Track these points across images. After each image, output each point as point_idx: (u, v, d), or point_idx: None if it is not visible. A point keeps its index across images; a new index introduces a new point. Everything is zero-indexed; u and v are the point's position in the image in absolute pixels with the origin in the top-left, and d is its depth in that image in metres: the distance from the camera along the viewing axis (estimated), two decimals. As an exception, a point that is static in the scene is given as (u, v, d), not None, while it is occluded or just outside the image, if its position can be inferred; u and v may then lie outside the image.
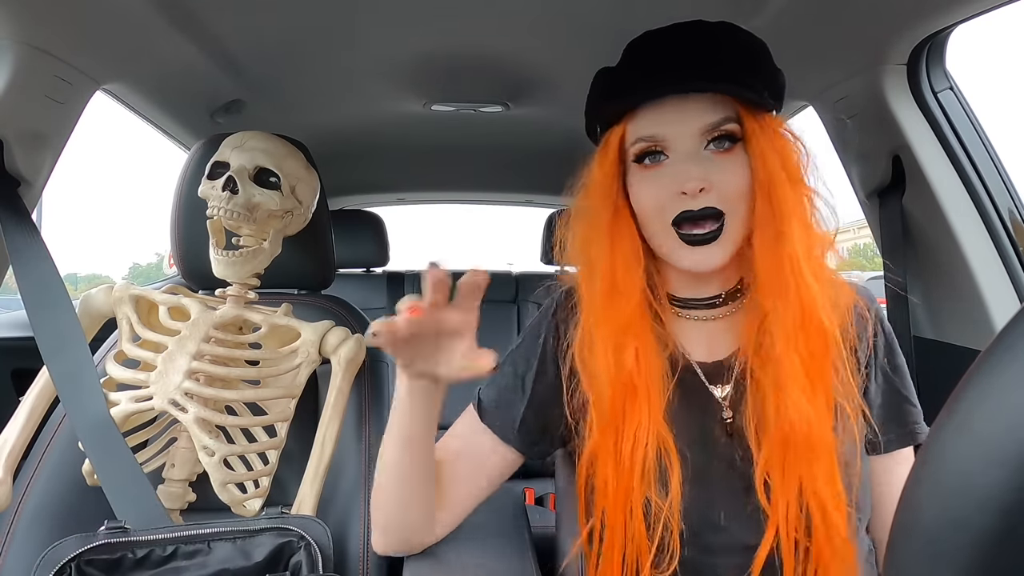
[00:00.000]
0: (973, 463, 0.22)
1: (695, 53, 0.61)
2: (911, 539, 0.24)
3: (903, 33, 0.92)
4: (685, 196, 0.60)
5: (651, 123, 0.61)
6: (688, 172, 0.59)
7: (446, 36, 1.13)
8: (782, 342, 0.60)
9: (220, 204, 0.87)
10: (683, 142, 0.61)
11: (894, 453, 0.67)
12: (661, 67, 0.61)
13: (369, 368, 1.01)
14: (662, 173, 0.61)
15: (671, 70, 0.60)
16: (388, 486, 0.66)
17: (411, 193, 2.54)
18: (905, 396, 0.67)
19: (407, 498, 0.67)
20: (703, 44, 0.61)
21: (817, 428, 0.58)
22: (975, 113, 1.02)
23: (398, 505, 0.67)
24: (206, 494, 0.86)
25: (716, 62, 0.60)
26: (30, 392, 0.89)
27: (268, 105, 1.40)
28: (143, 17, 0.94)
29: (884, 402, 0.66)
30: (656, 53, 0.62)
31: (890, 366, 0.66)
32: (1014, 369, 0.22)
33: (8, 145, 0.90)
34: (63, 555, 0.72)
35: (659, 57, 0.62)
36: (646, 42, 0.64)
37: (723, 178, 0.60)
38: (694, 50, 0.61)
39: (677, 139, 0.61)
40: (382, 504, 0.68)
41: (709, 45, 0.61)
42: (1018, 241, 0.99)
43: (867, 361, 0.66)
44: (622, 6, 0.96)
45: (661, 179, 0.61)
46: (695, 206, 0.60)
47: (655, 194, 0.62)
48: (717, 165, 0.60)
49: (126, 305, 0.94)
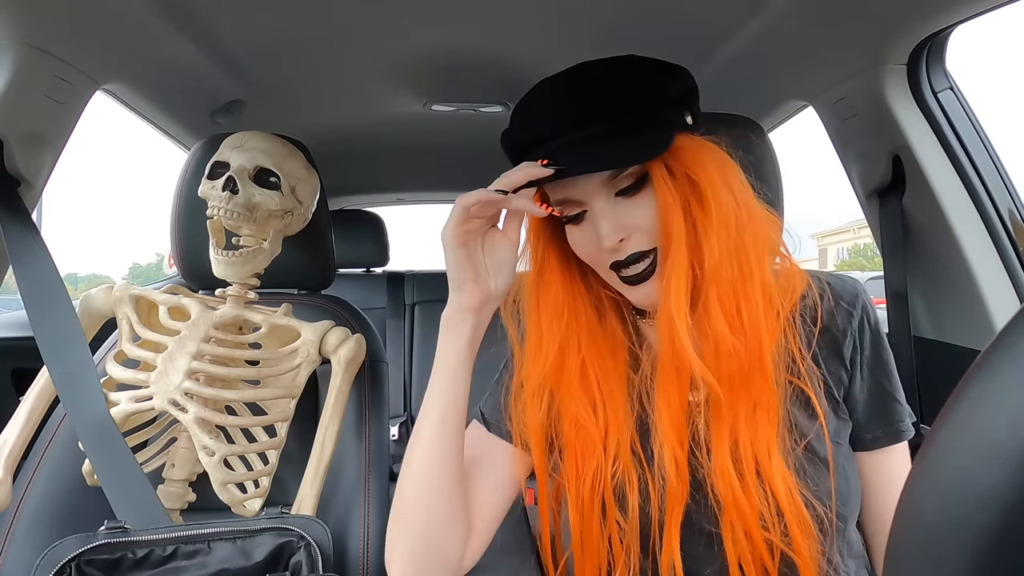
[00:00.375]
0: (973, 462, 0.22)
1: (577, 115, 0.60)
2: (911, 538, 0.24)
3: (903, 33, 0.92)
4: (609, 250, 0.61)
5: (559, 187, 0.63)
6: (601, 230, 0.61)
7: (446, 36, 1.13)
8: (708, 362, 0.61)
9: (220, 204, 0.87)
10: (593, 199, 0.62)
11: (882, 450, 0.67)
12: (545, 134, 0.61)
13: (369, 368, 1.01)
14: (586, 227, 0.63)
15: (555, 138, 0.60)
16: (417, 490, 0.62)
17: (411, 193, 2.54)
18: (891, 393, 0.67)
19: (440, 501, 0.62)
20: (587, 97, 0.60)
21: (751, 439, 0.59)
22: (975, 113, 1.02)
23: (427, 514, 0.62)
24: (206, 494, 0.86)
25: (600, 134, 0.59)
26: (30, 392, 0.89)
27: (268, 105, 1.40)
28: (143, 17, 0.94)
29: (870, 399, 0.66)
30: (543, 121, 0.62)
31: (876, 362, 0.66)
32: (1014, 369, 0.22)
33: (8, 145, 0.90)
34: (63, 555, 0.72)
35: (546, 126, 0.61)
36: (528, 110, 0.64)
37: (638, 222, 0.61)
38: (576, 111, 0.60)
39: (587, 196, 0.62)
40: (408, 517, 0.62)
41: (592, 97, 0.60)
42: (1018, 241, 0.99)
43: (851, 356, 0.66)
44: (622, 6, 0.96)
45: (586, 234, 0.63)
46: (621, 255, 0.62)
47: (586, 245, 0.64)
48: (631, 209, 0.61)
49: (126, 305, 0.94)
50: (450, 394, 0.63)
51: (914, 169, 1.02)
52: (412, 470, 0.63)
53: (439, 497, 0.62)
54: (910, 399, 0.76)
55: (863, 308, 0.67)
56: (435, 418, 0.62)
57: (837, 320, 0.65)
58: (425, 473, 0.62)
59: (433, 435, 0.62)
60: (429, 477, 0.62)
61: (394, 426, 1.94)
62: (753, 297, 0.60)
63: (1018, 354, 0.22)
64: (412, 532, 0.62)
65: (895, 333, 1.07)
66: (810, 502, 0.59)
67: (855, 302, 0.67)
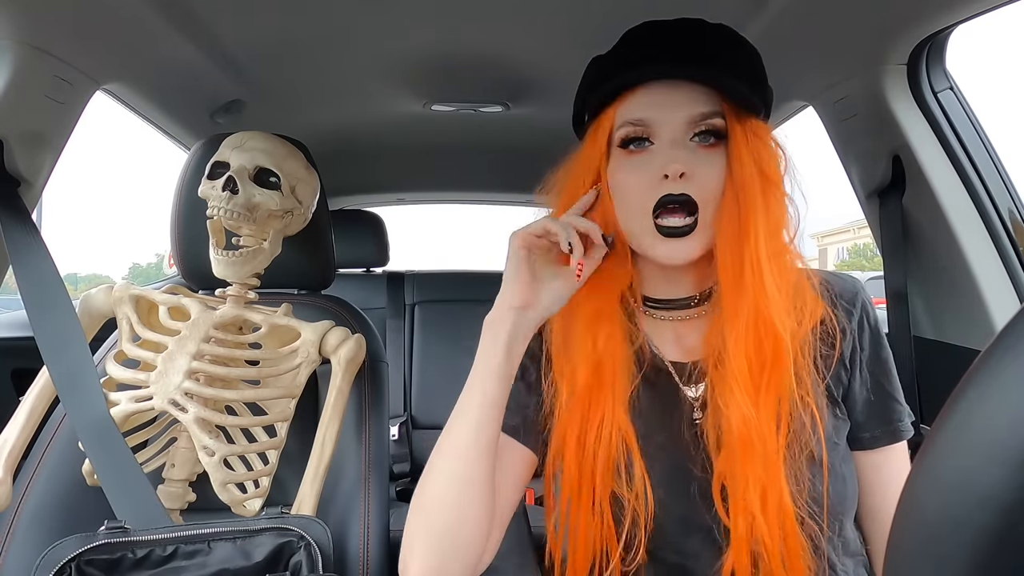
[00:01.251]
0: (973, 462, 0.22)
1: (689, 44, 0.61)
2: (911, 537, 0.24)
3: (903, 33, 0.92)
4: (666, 181, 0.60)
5: (639, 107, 0.62)
6: (673, 155, 0.60)
7: (446, 36, 1.13)
8: (732, 343, 0.60)
9: (220, 204, 0.87)
10: (669, 129, 0.61)
11: (881, 449, 0.66)
12: (654, 52, 0.62)
13: (369, 368, 1.01)
14: (646, 159, 0.62)
15: (664, 54, 0.61)
16: (448, 488, 0.60)
17: (411, 193, 2.54)
18: (890, 393, 0.67)
19: (472, 500, 0.60)
20: (698, 37, 0.62)
21: (759, 433, 0.58)
22: (975, 113, 1.02)
23: (458, 512, 0.60)
24: (206, 494, 0.86)
25: (709, 56, 0.61)
26: (30, 392, 0.89)
27: (268, 105, 1.40)
28: (143, 17, 0.94)
29: (869, 398, 0.66)
30: (651, 40, 0.63)
31: (875, 362, 0.67)
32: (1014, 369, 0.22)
33: (8, 145, 0.90)
34: (63, 555, 0.72)
35: (653, 44, 0.63)
36: (642, 30, 0.64)
37: (703, 171, 0.60)
38: (689, 41, 0.62)
39: (664, 125, 0.61)
40: (437, 514, 0.60)
41: (704, 39, 0.62)
42: (1018, 241, 0.99)
43: (851, 355, 0.66)
44: (622, 6, 0.96)
45: (644, 164, 0.62)
46: (675, 190, 0.60)
47: (637, 179, 0.62)
48: (699, 157, 0.61)
49: (126, 305, 0.94)
50: (490, 392, 0.61)
51: (914, 169, 1.02)
52: (445, 467, 0.61)
53: (471, 496, 0.60)
54: (910, 399, 0.76)
55: (862, 307, 0.67)
56: (473, 417, 0.61)
57: (836, 319, 0.65)
58: (459, 471, 0.60)
59: (470, 434, 0.61)
60: (463, 475, 0.60)
61: (394, 426, 1.94)
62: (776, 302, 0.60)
63: (1018, 354, 0.22)
64: (439, 529, 0.60)
65: (895, 333, 1.07)
66: (805, 504, 0.59)
67: (855, 301, 0.67)
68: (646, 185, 0.61)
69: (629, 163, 0.63)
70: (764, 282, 0.59)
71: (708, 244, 0.62)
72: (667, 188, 0.60)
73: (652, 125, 0.61)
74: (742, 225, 0.60)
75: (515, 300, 0.61)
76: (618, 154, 0.64)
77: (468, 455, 0.60)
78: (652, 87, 0.61)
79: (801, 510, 0.59)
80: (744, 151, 0.60)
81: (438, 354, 2.05)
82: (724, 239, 0.61)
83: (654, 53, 0.62)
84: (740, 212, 0.60)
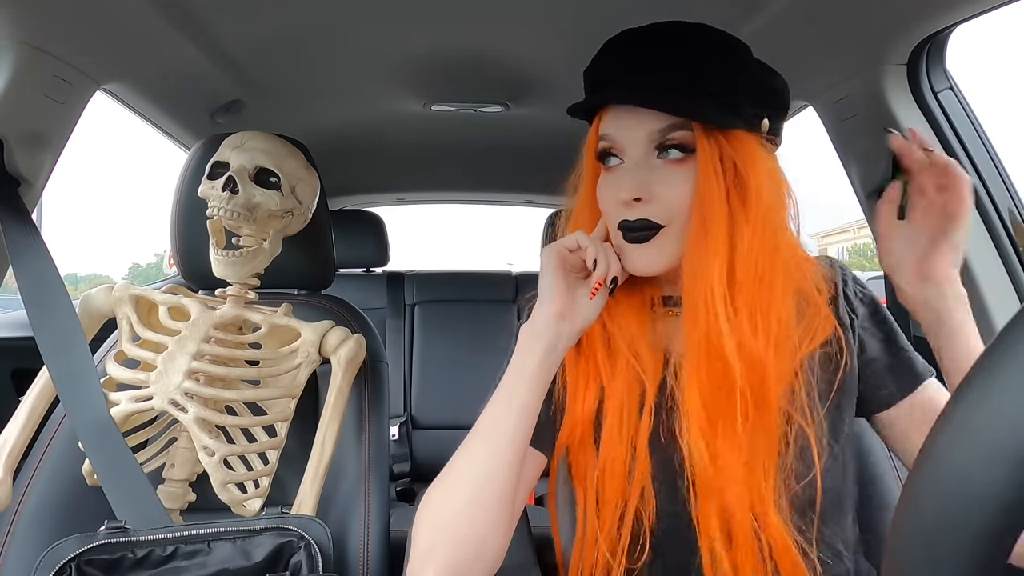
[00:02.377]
0: (973, 462, 0.22)
1: (660, 59, 0.60)
2: (911, 537, 0.24)
3: (903, 33, 0.92)
4: (624, 206, 0.61)
5: (607, 124, 0.63)
6: (623, 182, 0.60)
7: (446, 36, 1.13)
8: (685, 375, 0.61)
9: (220, 204, 0.87)
10: (633, 148, 0.61)
11: (900, 403, 0.67)
12: (620, 71, 0.61)
13: (369, 368, 1.01)
14: (616, 177, 0.62)
15: (625, 76, 0.61)
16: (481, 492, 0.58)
17: (411, 193, 2.54)
18: (900, 345, 0.68)
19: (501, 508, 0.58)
20: (673, 49, 0.60)
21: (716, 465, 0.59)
22: (975, 113, 1.02)
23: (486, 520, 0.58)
24: (206, 494, 0.86)
25: (681, 67, 0.59)
26: (30, 392, 0.89)
27: (268, 105, 1.40)
28: (143, 17, 0.94)
29: (877, 356, 0.68)
30: (621, 54, 0.62)
31: (873, 322, 0.68)
32: (1014, 369, 0.22)
33: (8, 145, 0.90)
34: (63, 555, 0.72)
35: (622, 60, 0.62)
36: (622, 37, 0.63)
37: (664, 190, 0.60)
38: (660, 56, 0.60)
39: (628, 144, 0.61)
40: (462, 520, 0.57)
41: (681, 49, 0.60)
42: (1018, 241, 0.99)
43: (858, 346, 0.67)
44: (621, 6, 0.96)
45: (614, 183, 0.62)
46: (631, 216, 0.60)
47: (608, 196, 0.63)
48: (663, 175, 0.60)
49: (126, 305, 0.94)
50: (526, 400, 0.60)
51: (914, 169, 1.02)
52: (476, 474, 0.59)
53: (502, 504, 0.58)
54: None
55: (841, 279, 0.69)
56: (508, 425, 0.59)
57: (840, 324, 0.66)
58: (492, 477, 0.58)
59: (503, 443, 0.59)
60: (495, 481, 0.58)
61: (394, 426, 1.94)
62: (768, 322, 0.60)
63: (1018, 354, 0.22)
64: (465, 536, 0.58)
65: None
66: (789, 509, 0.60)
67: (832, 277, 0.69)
68: (614, 203, 0.62)
69: (606, 179, 0.64)
70: (716, 311, 0.58)
71: (674, 260, 0.62)
72: (624, 213, 0.61)
73: (619, 143, 0.62)
74: (709, 245, 0.58)
75: (555, 308, 0.61)
76: (599, 167, 0.65)
77: (501, 463, 0.58)
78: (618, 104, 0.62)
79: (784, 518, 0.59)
80: (711, 166, 0.58)
81: (438, 354, 2.05)
82: (688, 260, 0.60)
83: (618, 73, 0.61)
84: (707, 231, 0.59)
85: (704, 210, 0.58)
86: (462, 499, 0.58)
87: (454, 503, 0.58)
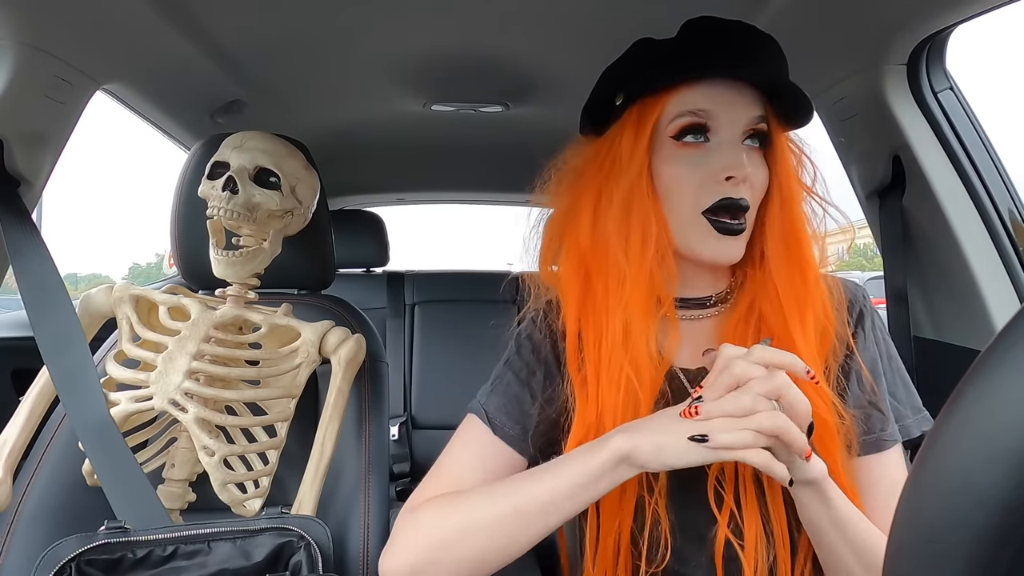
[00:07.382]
0: (973, 461, 0.22)
1: (752, 47, 0.62)
2: (911, 537, 0.24)
3: (903, 33, 0.92)
4: (727, 183, 0.59)
5: (703, 98, 0.60)
6: (738, 158, 0.59)
7: (446, 36, 1.13)
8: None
9: (220, 204, 0.87)
10: (730, 128, 0.60)
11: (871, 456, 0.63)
12: (724, 48, 0.61)
13: (369, 368, 1.01)
14: (702, 155, 0.60)
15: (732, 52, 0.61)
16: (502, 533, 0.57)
17: (411, 193, 2.54)
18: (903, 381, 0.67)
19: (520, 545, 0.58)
20: (757, 43, 0.62)
21: None
22: (975, 113, 1.02)
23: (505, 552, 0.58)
24: (206, 494, 0.86)
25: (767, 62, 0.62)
26: (30, 392, 0.89)
27: (268, 105, 1.40)
28: (143, 17, 0.94)
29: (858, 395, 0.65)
30: (718, 35, 0.62)
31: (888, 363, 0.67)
32: (1014, 369, 0.22)
33: (8, 145, 0.90)
34: (63, 555, 0.72)
35: (721, 39, 0.61)
36: (707, 24, 0.62)
37: (755, 173, 0.61)
38: (751, 44, 0.62)
39: (726, 123, 0.60)
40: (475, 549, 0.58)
41: (761, 46, 0.62)
42: (1018, 241, 0.99)
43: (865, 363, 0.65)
44: (623, 6, 0.96)
45: (702, 160, 0.60)
46: (736, 194, 0.59)
47: (693, 175, 0.60)
48: (752, 160, 0.61)
49: (126, 305, 0.94)
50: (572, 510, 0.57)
51: (914, 169, 1.02)
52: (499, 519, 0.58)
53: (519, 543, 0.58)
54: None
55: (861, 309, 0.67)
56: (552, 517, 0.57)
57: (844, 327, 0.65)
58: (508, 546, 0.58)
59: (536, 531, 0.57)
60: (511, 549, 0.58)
61: (394, 426, 1.94)
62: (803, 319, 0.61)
63: (1018, 354, 0.22)
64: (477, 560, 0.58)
65: (895, 333, 1.07)
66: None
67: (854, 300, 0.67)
68: (703, 182, 0.60)
69: (683, 157, 0.61)
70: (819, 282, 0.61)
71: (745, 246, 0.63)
72: (728, 191, 0.59)
73: (714, 119, 0.60)
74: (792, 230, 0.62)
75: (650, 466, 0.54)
76: (669, 145, 0.61)
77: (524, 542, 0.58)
78: (716, 81, 0.60)
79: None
80: (789, 157, 0.62)
81: (438, 354, 2.04)
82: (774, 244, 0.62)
83: (724, 48, 0.61)
84: (785, 217, 0.62)
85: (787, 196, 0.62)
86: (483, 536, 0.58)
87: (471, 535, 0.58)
